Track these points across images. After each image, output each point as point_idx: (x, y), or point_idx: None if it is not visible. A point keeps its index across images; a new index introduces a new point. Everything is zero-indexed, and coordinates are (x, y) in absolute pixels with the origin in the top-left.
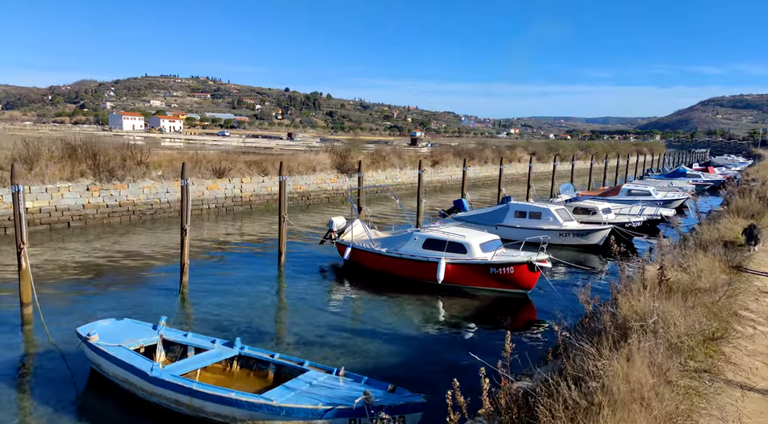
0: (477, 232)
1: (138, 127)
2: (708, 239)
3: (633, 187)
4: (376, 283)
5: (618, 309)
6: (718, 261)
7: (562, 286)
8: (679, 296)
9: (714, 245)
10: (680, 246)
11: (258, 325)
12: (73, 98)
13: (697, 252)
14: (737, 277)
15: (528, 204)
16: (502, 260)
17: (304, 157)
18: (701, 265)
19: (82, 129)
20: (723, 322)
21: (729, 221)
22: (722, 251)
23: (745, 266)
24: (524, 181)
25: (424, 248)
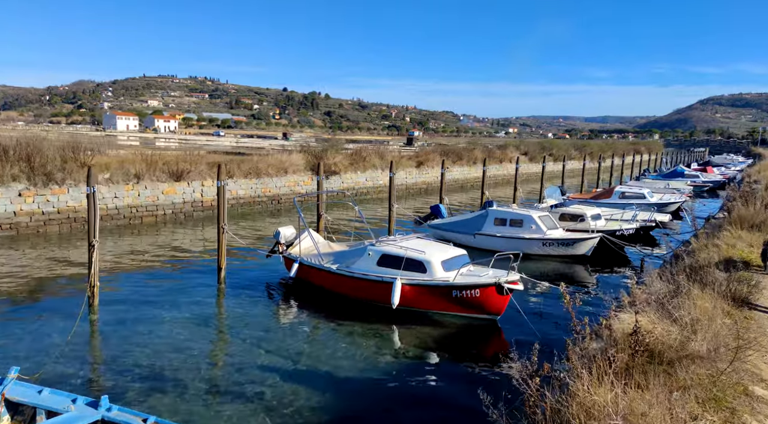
0: (441, 246)
1: (132, 127)
2: (706, 260)
3: (627, 190)
4: (326, 305)
5: (569, 401)
6: (719, 297)
7: (538, 311)
8: (661, 376)
9: (713, 271)
10: (670, 275)
11: (170, 368)
12: (70, 99)
13: (691, 287)
14: (745, 318)
15: (509, 210)
16: (466, 281)
17: (275, 159)
18: (696, 309)
19: (76, 129)
20: (728, 411)
21: (730, 235)
22: (724, 277)
23: (754, 300)
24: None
25: (378, 265)
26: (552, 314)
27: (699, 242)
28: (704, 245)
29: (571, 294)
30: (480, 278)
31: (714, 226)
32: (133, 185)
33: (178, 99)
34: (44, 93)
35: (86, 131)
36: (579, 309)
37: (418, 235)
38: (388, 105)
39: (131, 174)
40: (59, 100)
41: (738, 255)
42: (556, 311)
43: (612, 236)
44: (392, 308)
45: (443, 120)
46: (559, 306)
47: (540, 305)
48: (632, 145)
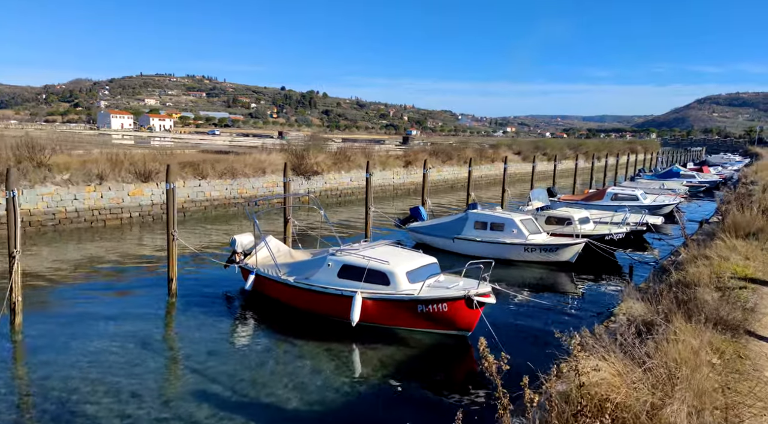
0: (409, 254)
1: (127, 126)
2: (695, 276)
3: (619, 191)
4: (283, 321)
5: None
6: (707, 329)
7: (513, 325)
8: None
9: (703, 290)
10: (653, 296)
11: (101, 399)
12: (67, 97)
13: (674, 316)
14: (739, 358)
15: (489, 213)
16: (432, 294)
17: (252, 158)
18: (679, 348)
19: (70, 128)
20: None
21: (724, 245)
22: (715, 298)
23: (750, 326)
24: (508, 181)
25: (339, 276)
26: (528, 328)
27: (689, 252)
28: (694, 256)
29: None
30: (448, 291)
31: (707, 233)
32: (95, 186)
33: (176, 98)
34: (41, 91)
35: (80, 130)
36: (554, 328)
37: (387, 242)
38: (386, 104)
39: (94, 174)
40: (56, 99)
41: (731, 269)
42: (534, 325)
43: (600, 240)
44: (352, 325)
45: (441, 119)
46: (537, 319)
47: (515, 318)
48: (628, 144)
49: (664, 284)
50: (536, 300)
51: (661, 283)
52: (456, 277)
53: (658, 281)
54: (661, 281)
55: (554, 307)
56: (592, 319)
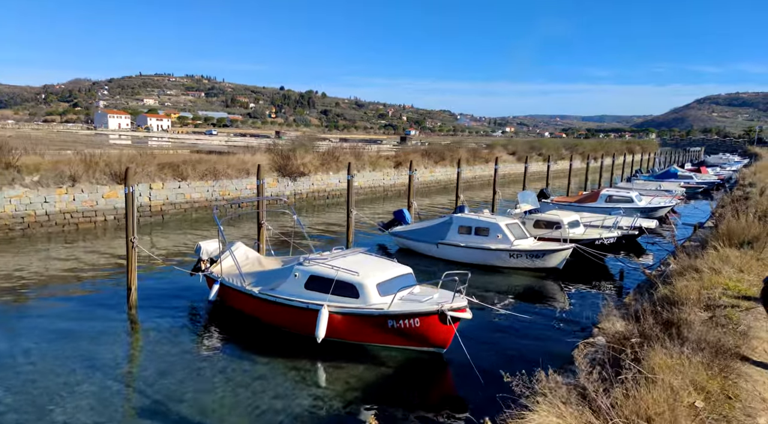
0: (382, 264)
1: (125, 126)
2: (683, 292)
3: (614, 193)
4: (248, 335)
5: None
6: (691, 362)
7: (492, 342)
8: None
9: (689, 311)
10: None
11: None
12: (66, 97)
13: (652, 351)
14: (728, 399)
15: (474, 217)
16: (403, 309)
17: (236, 159)
18: (654, 395)
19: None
20: None
21: (716, 255)
22: (704, 319)
23: (742, 351)
24: (502, 183)
25: (306, 288)
26: (508, 345)
27: (678, 263)
28: (683, 268)
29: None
30: (420, 305)
31: (699, 240)
32: (68, 188)
33: (174, 97)
34: (40, 91)
35: (76, 130)
36: (530, 348)
37: (361, 250)
38: (385, 104)
39: (66, 176)
40: (55, 99)
41: (723, 284)
42: (513, 342)
43: (590, 245)
44: (317, 341)
45: (440, 119)
46: (516, 336)
47: (493, 334)
48: (626, 144)
49: (647, 302)
50: (517, 314)
51: (645, 298)
52: (432, 288)
53: (642, 296)
54: (647, 294)
55: (536, 321)
56: (573, 338)
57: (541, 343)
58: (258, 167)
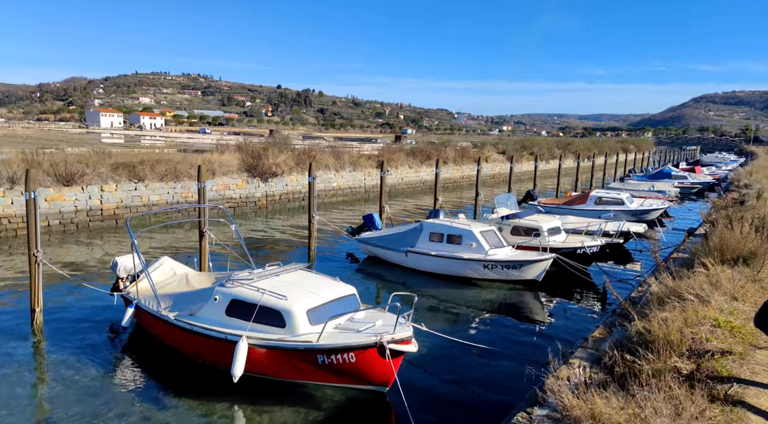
0: (320, 284)
1: (117, 125)
2: (662, 331)
3: (603, 194)
4: (170, 368)
5: None
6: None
7: (437, 385)
8: None
9: (665, 360)
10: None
11: None
12: (61, 96)
13: None
14: None
15: (446, 223)
16: (334, 343)
17: (202, 158)
18: None
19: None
20: None
21: (705, 277)
22: (687, 371)
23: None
24: (491, 183)
25: (228, 314)
26: (455, 387)
27: (661, 284)
28: (665, 293)
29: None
30: (356, 337)
31: (689, 251)
32: (5, 191)
33: (170, 96)
34: (35, 90)
35: (67, 129)
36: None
37: (301, 266)
38: (382, 103)
39: (4, 177)
40: (50, 97)
41: (712, 318)
42: (462, 385)
43: (572, 254)
44: (233, 379)
45: (437, 118)
46: (474, 371)
47: (444, 369)
48: (620, 143)
49: (616, 349)
50: (476, 344)
51: (616, 337)
52: (378, 313)
53: (612, 333)
54: (619, 329)
55: (499, 352)
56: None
57: (493, 386)
58: (198, 169)
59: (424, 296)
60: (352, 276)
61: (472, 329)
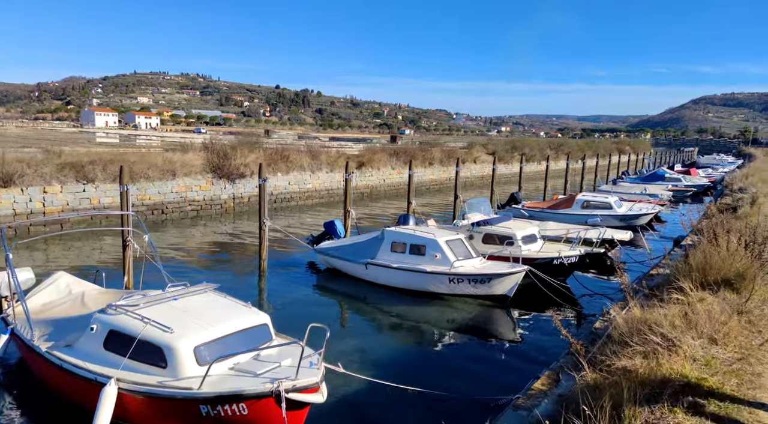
0: (222, 312)
1: (112, 124)
2: (610, 399)
3: (591, 198)
4: (46, 402)
5: None
6: None
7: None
8: None
9: None
10: None
11: None
12: (60, 95)
13: None
14: None
15: (408, 232)
16: (220, 391)
17: (162, 158)
18: None
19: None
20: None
21: (677, 308)
22: None
23: None
24: (479, 185)
25: (106, 347)
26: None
27: (625, 320)
28: (629, 330)
29: None
30: (251, 382)
31: (669, 268)
32: None
33: (169, 96)
34: (34, 89)
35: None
36: None
37: (211, 287)
38: (381, 103)
39: None
40: (49, 97)
41: (680, 375)
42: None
43: (548, 265)
44: None
45: (436, 118)
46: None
47: (377, 416)
48: (616, 144)
49: (559, 407)
50: (417, 386)
51: (560, 388)
52: (294, 348)
53: (560, 381)
54: (569, 373)
55: (441, 396)
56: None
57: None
58: (121, 169)
59: (382, 315)
60: (306, 291)
61: (424, 360)
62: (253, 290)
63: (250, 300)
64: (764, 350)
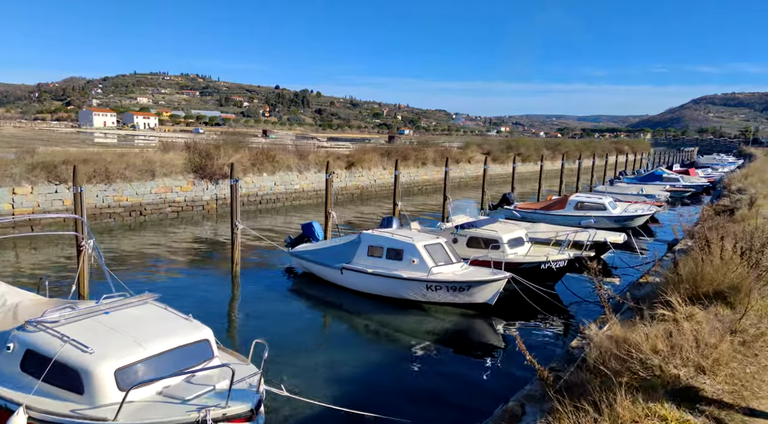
0: (159, 326)
1: (110, 124)
2: None
3: (585, 199)
4: None
5: None
6: None
7: None
8: None
9: None
10: None
11: None
12: (60, 95)
13: None
14: None
15: (387, 235)
16: (138, 421)
17: (140, 158)
18: None
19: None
20: None
21: (665, 329)
22: None
23: None
24: (474, 185)
25: (23, 368)
26: None
27: (603, 341)
28: (607, 355)
29: None
30: (176, 410)
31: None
32: None
33: (168, 96)
34: (34, 90)
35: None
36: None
37: (152, 297)
38: (380, 103)
39: None
40: (49, 97)
41: (664, 417)
42: None
43: (535, 270)
44: None
45: (435, 118)
46: None
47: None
48: (614, 144)
49: None
50: (378, 410)
51: None
52: (239, 365)
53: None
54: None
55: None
56: None
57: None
58: (74, 169)
59: (355, 325)
60: (279, 298)
61: (393, 379)
62: (222, 296)
63: (215, 309)
64: (760, 379)
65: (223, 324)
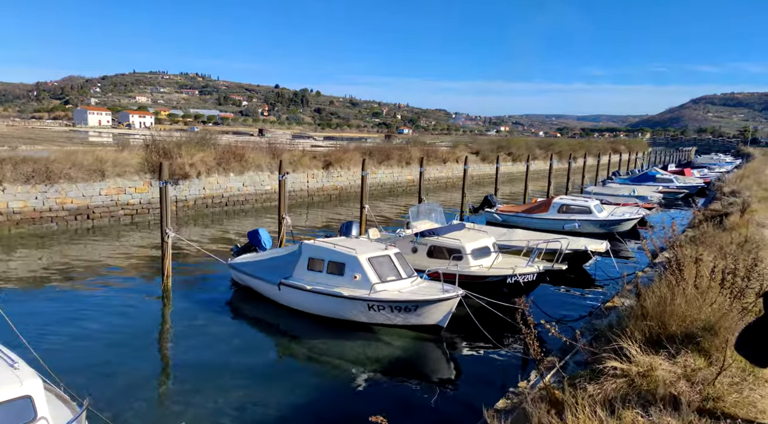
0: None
1: (105, 123)
2: None
3: (569, 202)
4: None
5: None
6: None
7: None
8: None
9: None
10: None
11: None
12: (59, 94)
13: None
14: None
15: (328, 246)
16: None
17: (88, 156)
18: None
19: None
20: None
21: (616, 385)
22: None
23: None
24: (460, 185)
25: None
26: None
27: (535, 409)
28: None
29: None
30: None
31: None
32: None
33: (168, 95)
34: (32, 89)
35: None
36: None
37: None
38: (380, 103)
39: None
40: (47, 96)
41: None
42: None
43: (501, 284)
44: None
45: (435, 118)
46: None
47: None
48: (611, 143)
49: None
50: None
51: None
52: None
53: None
54: None
55: None
56: None
57: None
58: None
59: (289, 352)
60: (210, 317)
61: (329, 416)
62: (146, 315)
63: (129, 330)
64: None
65: (129, 350)
